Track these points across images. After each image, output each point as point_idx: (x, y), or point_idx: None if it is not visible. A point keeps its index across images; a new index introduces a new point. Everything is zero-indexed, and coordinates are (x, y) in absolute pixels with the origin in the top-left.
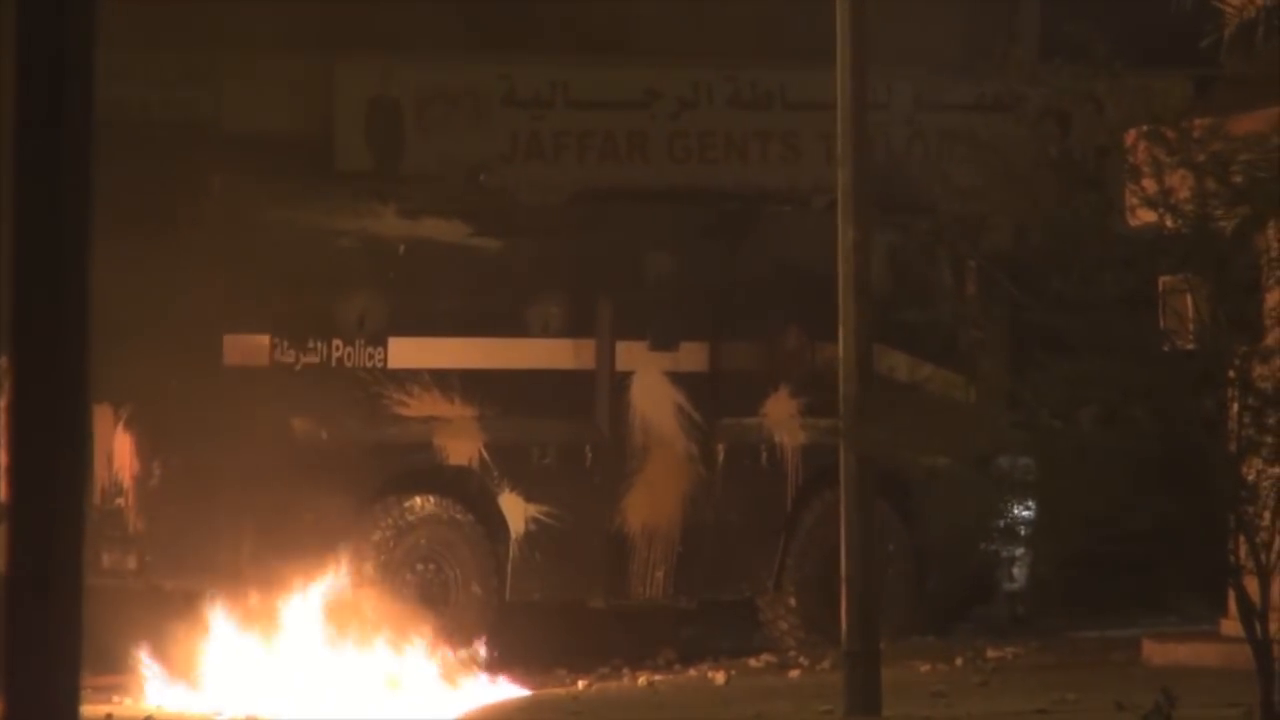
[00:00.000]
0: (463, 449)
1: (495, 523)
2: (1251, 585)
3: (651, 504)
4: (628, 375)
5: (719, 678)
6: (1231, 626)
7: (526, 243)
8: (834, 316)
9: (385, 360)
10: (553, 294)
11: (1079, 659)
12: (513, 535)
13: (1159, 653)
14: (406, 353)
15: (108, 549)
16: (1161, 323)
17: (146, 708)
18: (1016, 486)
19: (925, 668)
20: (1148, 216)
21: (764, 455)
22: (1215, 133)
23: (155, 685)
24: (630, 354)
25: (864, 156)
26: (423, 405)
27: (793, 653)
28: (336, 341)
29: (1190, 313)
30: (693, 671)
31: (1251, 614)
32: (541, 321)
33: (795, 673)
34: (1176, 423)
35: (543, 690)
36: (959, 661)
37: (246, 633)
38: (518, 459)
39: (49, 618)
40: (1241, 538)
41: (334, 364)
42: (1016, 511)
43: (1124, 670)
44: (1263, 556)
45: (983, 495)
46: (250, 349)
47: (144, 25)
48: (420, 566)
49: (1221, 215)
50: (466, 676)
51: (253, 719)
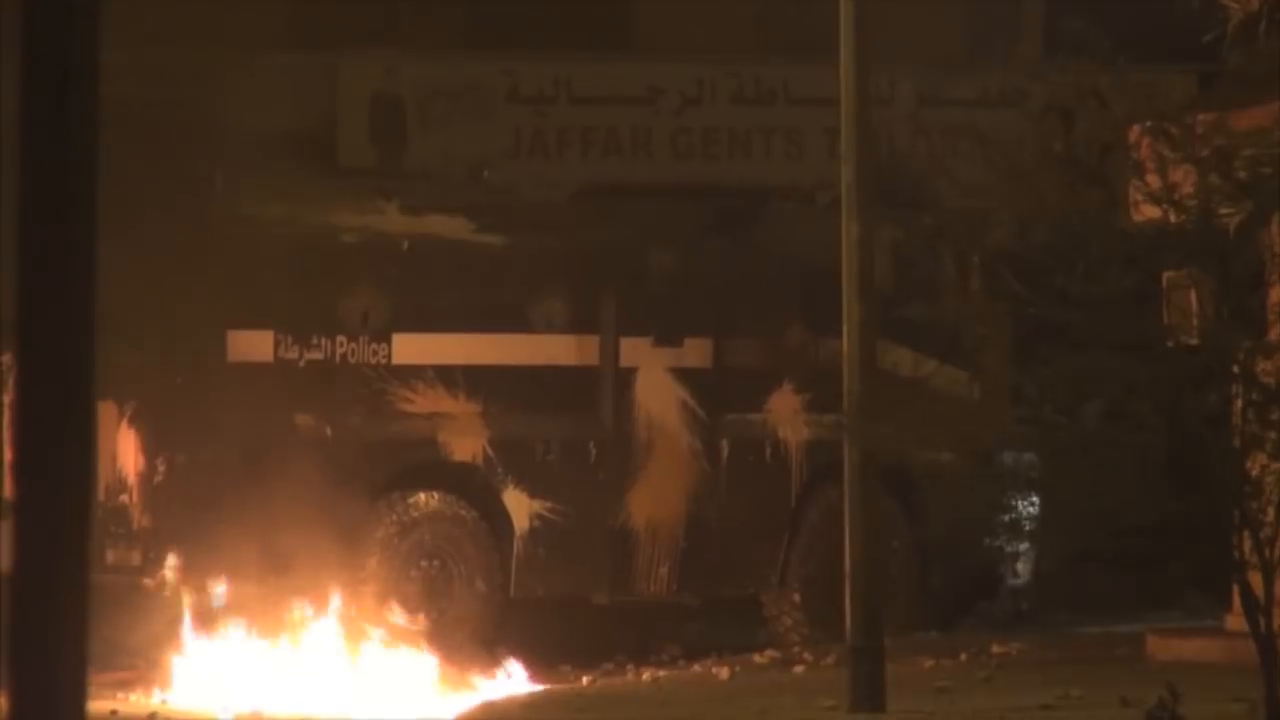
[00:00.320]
0: (467, 445)
1: (499, 519)
2: (1255, 580)
3: (655, 500)
4: (631, 371)
5: (723, 674)
6: (1236, 622)
7: (530, 239)
8: (838, 312)
9: (389, 356)
10: (556, 290)
11: (1083, 654)
12: (517, 531)
13: (1163, 648)
14: (410, 349)
15: (112, 545)
16: (1165, 318)
17: (151, 704)
18: (1020, 482)
19: (929, 663)
20: (1151, 212)
21: (768, 451)
22: (1218, 128)
23: (160, 682)
24: (634, 350)
25: (867, 152)
26: (426, 401)
27: (797, 648)
28: (340, 338)
29: (1194, 308)
30: (697, 667)
31: (1255, 609)
32: (545, 318)
33: (799, 668)
34: (1180, 418)
35: (547, 686)
36: (963, 657)
37: (251, 629)
38: (522, 455)
39: (55, 614)
40: (1245, 533)
41: (338, 360)
42: (1020, 507)
43: (1128, 666)
44: (1266, 552)
45: (987, 491)
46: (254, 345)
47: (147, 23)
48: (424, 563)
49: (1225, 211)
50: (470, 672)
51: (257, 716)
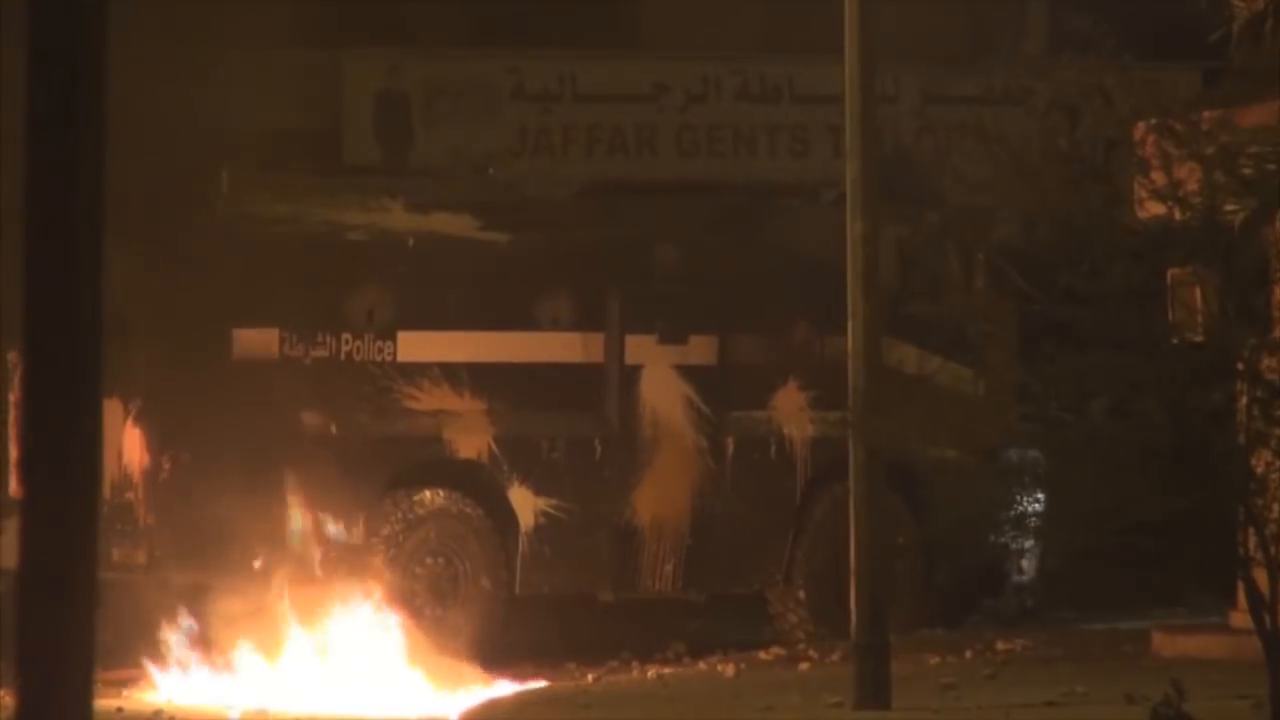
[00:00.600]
0: (472, 443)
1: (505, 516)
2: (1260, 577)
3: (661, 497)
4: (637, 369)
5: (728, 670)
6: (1241, 619)
7: (535, 236)
8: (843, 309)
9: (394, 354)
10: (561, 288)
11: (1088, 651)
12: (522, 529)
13: (1168, 645)
14: (415, 346)
15: (118, 543)
16: (1170, 315)
17: (157, 702)
18: (1025, 479)
19: (934, 660)
20: (1156, 209)
21: (773, 448)
22: (1223, 125)
23: (165, 679)
24: (639, 347)
25: (872, 149)
26: (432, 399)
27: (802, 645)
28: (346, 335)
29: (1199, 305)
30: (702, 664)
31: (1260, 606)
32: (550, 315)
33: (805, 665)
34: (1185, 415)
35: (552, 683)
36: (968, 654)
37: (256, 627)
38: (527, 453)
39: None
40: (1250, 530)
41: (343, 358)
42: (1025, 504)
43: (1133, 663)
44: (1271, 549)
45: (992, 488)
46: (260, 343)
47: (152, 21)
48: (430, 560)
49: (1230, 208)
50: (476, 669)
51: (263, 713)
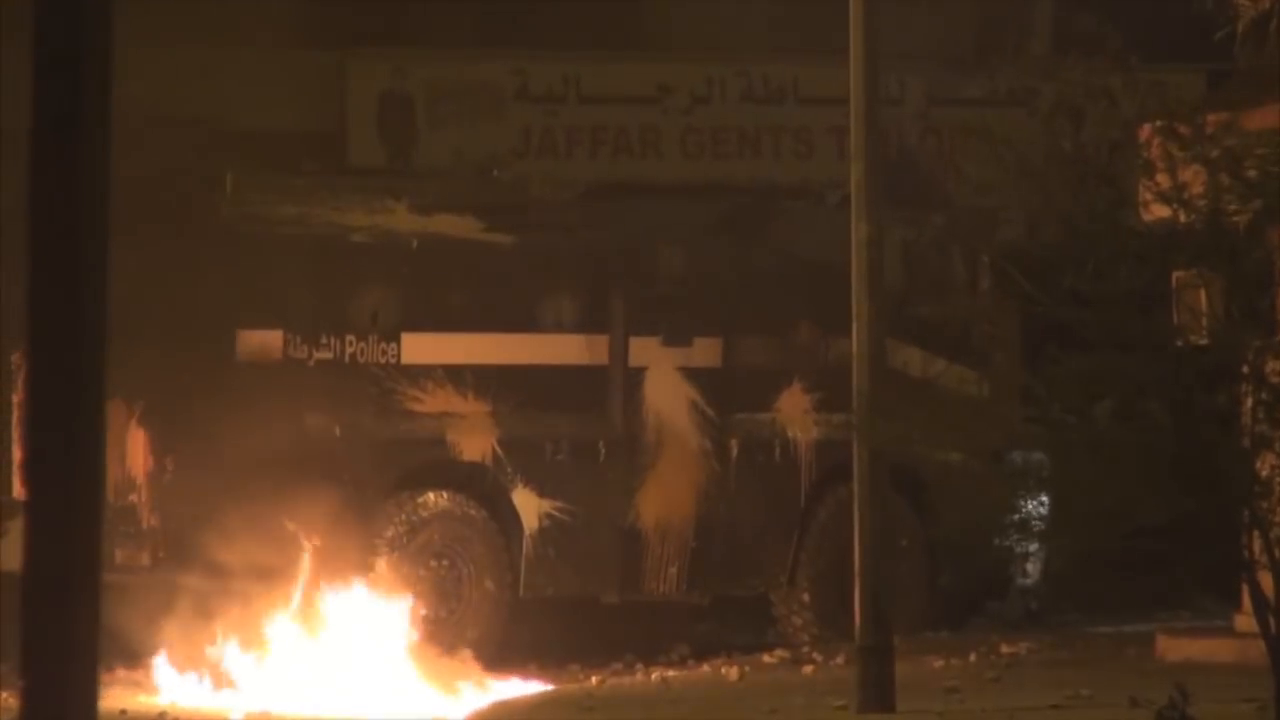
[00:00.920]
0: (476, 445)
1: (508, 518)
2: (1265, 580)
3: (665, 499)
4: (641, 371)
5: (732, 673)
6: (1245, 622)
7: (539, 238)
8: (847, 311)
9: (398, 356)
10: (565, 289)
11: (1093, 654)
12: (526, 531)
13: (1173, 648)
14: (419, 348)
15: (121, 544)
16: (1175, 318)
17: (160, 704)
18: (1030, 482)
19: (939, 663)
20: (1161, 211)
21: (777, 450)
22: (1228, 128)
23: (169, 681)
24: (643, 349)
25: (877, 151)
26: (436, 401)
27: (806, 648)
28: (350, 337)
29: (1204, 308)
30: (706, 667)
31: (1265, 609)
32: (554, 317)
33: (809, 668)
34: (1190, 418)
35: (556, 685)
36: (972, 657)
37: (260, 629)
38: (531, 454)
39: (67, 614)
40: (1255, 533)
41: (347, 360)
42: (1030, 507)
43: (1138, 666)
44: (1276, 552)
45: (996, 490)
46: (263, 344)
47: (158, 22)
48: (434, 562)
49: (1235, 210)
50: (479, 672)
51: (266, 715)
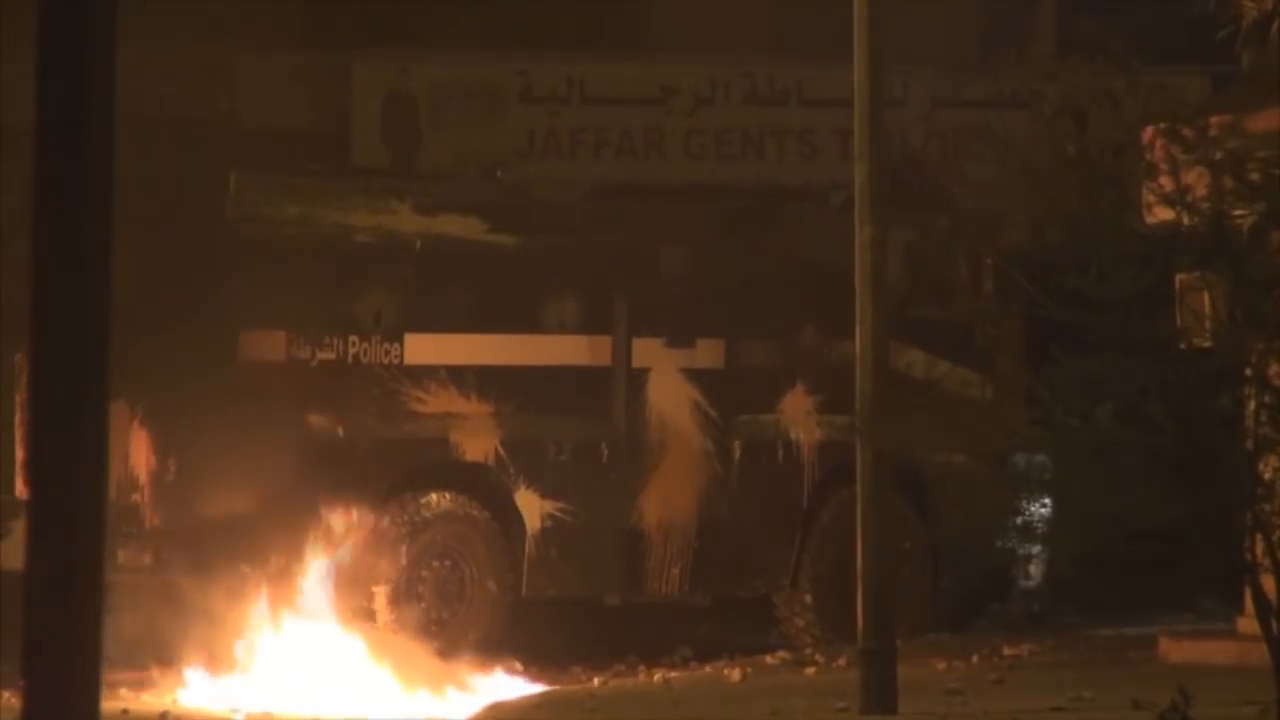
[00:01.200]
0: (479, 446)
1: (511, 519)
2: (1268, 583)
3: (667, 501)
4: (644, 372)
5: (735, 675)
6: (1248, 624)
7: (542, 239)
8: (851, 313)
9: (401, 357)
10: (568, 290)
11: (1095, 657)
12: (528, 532)
13: (1175, 650)
14: (422, 349)
15: (124, 545)
16: (1178, 320)
17: (163, 703)
18: (1033, 484)
19: (941, 665)
20: (1165, 214)
21: (780, 452)
22: (1231, 130)
23: (171, 681)
24: (646, 351)
25: (881, 153)
26: (439, 402)
27: (809, 650)
28: (353, 338)
29: (1207, 310)
30: (708, 669)
31: (1268, 612)
32: (558, 318)
33: (811, 670)
34: (1193, 421)
35: (558, 687)
36: (975, 659)
37: (262, 629)
38: (534, 456)
39: (70, 614)
40: (1258, 535)
41: (350, 360)
42: (1033, 509)
43: (1140, 668)
44: (1278, 554)
45: (999, 493)
46: (266, 345)
47: (161, 22)
48: (436, 563)
49: (1238, 213)
50: (482, 672)
51: (269, 715)
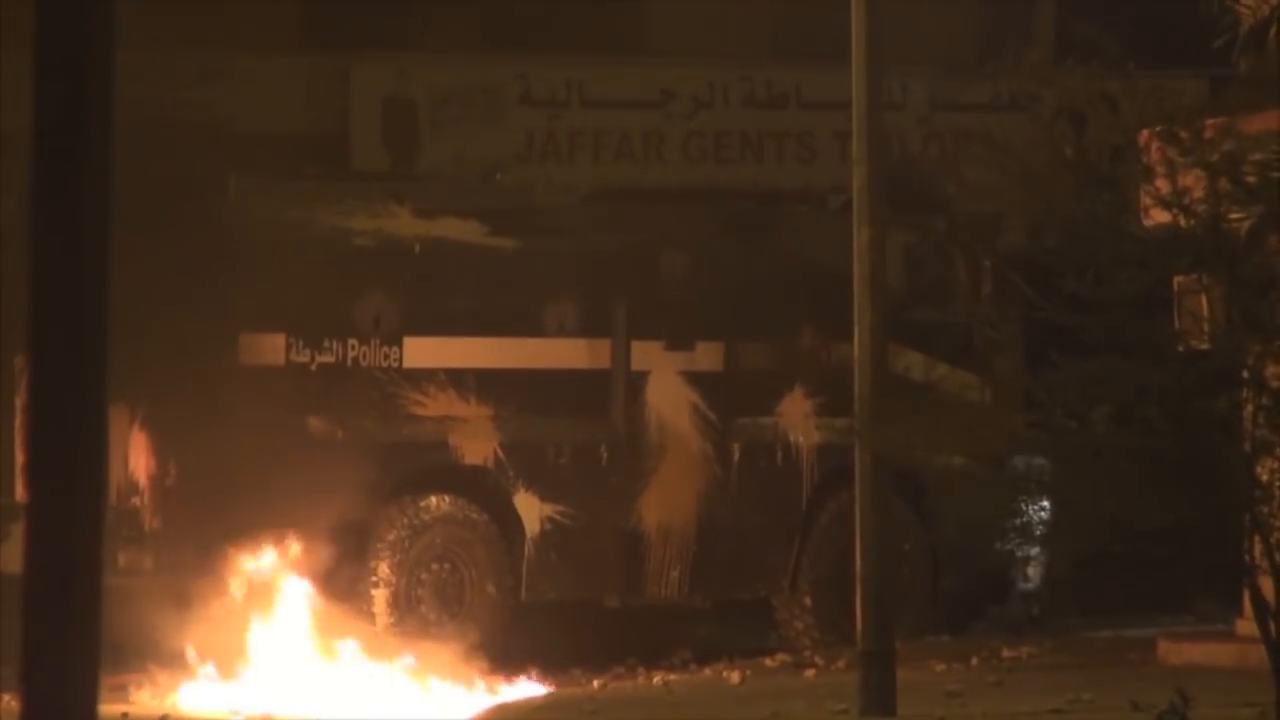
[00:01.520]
0: (478, 448)
1: (510, 522)
2: (1266, 585)
3: (667, 504)
4: (643, 375)
5: (734, 677)
6: (1246, 626)
7: (542, 242)
8: (849, 316)
9: (400, 360)
10: (568, 294)
11: (1094, 659)
12: (528, 535)
13: (1174, 652)
14: (422, 352)
15: (123, 548)
16: (1176, 323)
17: (162, 705)
18: (1031, 486)
19: (940, 667)
20: (1162, 217)
21: (779, 455)
22: (1228, 133)
23: (171, 684)
24: (646, 354)
25: (879, 156)
26: (438, 405)
27: (808, 652)
28: (352, 341)
29: (1204, 313)
30: (708, 671)
31: (1266, 614)
32: (557, 321)
33: (810, 672)
34: (1190, 423)
35: (558, 689)
36: (974, 661)
37: (262, 632)
38: (533, 459)
39: (68, 617)
40: (1256, 538)
41: (349, 363)
42: (1031, 511)
43: (1139, 670)
44: (1277, 556)
45: (998, 495)
46: (266, 348)
47: (160, 25)
48: (435, 566)
49: (1235, 215)
50: (482, 675)
51: (268, 718)
